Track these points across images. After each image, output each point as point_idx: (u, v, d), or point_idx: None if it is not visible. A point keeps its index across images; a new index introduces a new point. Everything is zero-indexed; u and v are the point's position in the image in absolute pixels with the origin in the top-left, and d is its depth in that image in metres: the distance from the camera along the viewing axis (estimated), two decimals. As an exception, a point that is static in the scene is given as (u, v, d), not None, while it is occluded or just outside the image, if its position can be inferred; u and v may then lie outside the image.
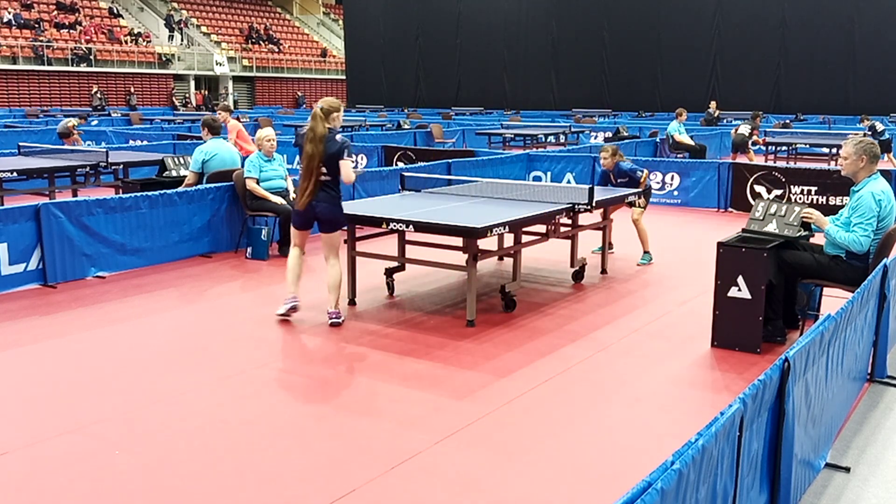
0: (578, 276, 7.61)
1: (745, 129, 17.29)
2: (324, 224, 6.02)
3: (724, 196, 12.24)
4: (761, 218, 5.82)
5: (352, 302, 6.74)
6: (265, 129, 8.71)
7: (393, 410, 4.56)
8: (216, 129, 9.38)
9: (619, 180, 8.53)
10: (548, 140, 20.64)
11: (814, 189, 11.60)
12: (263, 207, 8.53)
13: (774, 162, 16.54)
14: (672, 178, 12.70)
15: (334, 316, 6.08)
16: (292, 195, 8.43)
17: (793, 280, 5.72)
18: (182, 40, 42.64)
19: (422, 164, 12.52)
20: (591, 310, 6.66)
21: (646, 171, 8.56)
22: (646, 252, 8.48)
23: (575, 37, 35.63)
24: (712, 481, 2.56)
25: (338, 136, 5.90)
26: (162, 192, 8.36)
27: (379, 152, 15.11)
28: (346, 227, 6.38)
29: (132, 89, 37.62)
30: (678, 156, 16.40)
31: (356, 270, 6.79)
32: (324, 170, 5.85)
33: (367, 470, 3.85)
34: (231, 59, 42.89)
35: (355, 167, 6.53)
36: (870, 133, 18.34)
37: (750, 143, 17.12)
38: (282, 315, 6.18)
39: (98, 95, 34.75)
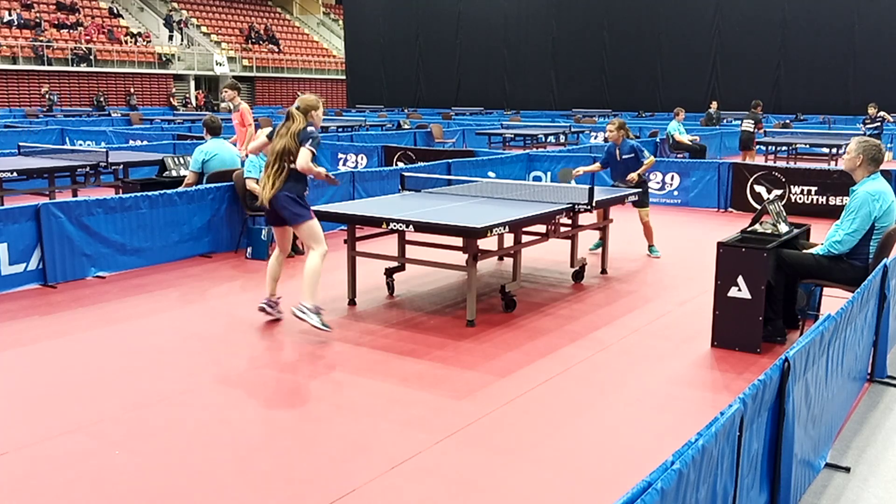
0: (578, 276, 7.61)
1: (748, 124, 17.28)
2: (285, 216, 5.84)
3: (724, 196, 12.24)
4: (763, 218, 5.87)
5: (352, 302, 6.74)
6: (266, 130, 8.69)
7: (393, 410, 4.56)
8: (216, 130, 9.37)
9: (623, 157, 8.49)
10: (548, 140, 20.64)
11: (814, 189, 11.61)
12: (264, 207, 8.52)
13: (774, 162, 16.54)
14: (672, 178, 12.70)
15: (298, 307, 5.76)
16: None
17: (793, 280, 5.73)
18: (182, 40, 42.63)
19: (422, 164, 12.52)
20: (591, 310, 6.66)
21: (652, 158, 8.57)
22: (652, 245, 8.77)
23: (575, 37, 35.64)
24: (712, 481, 2.56)
25: (310, 129, 5.79)
26: (162, 192, 8.36)
27: (379, 152, 15.11)
28: (310, 217, 5.92)
29: (132, 89, 37.62)
30: (678, 156, 16.41)
31: (356, 270, 6.79)
32: (292, 159, 5.74)
33: (367, 470, 3.85)
34: (231, 59, 42.88)
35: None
36: (868, 120, 18.32)
37: (755, 139, 17.16)
38: (260, 308, 6.24)
39: (49, 95, 33.33)
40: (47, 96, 33.07)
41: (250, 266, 8.23)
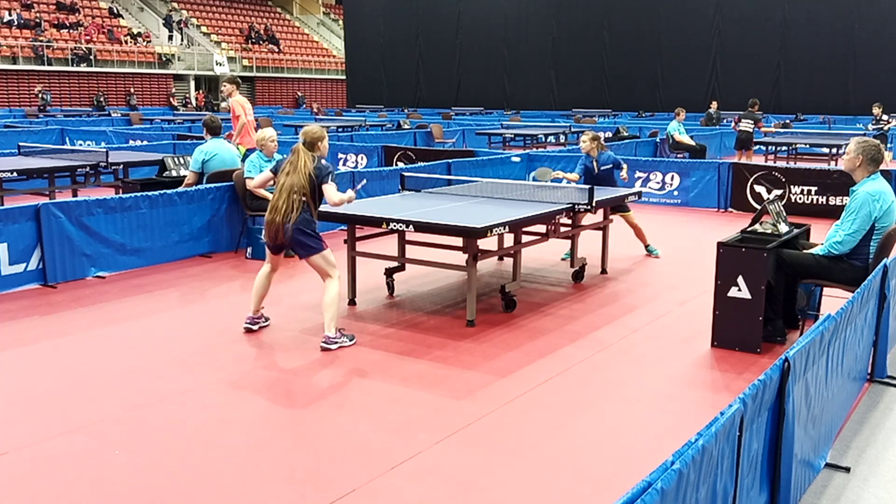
0: (578, 276, 7.61)
1: (747, 124, 17.21)
2: (299, 251, 5.68)
3: (724, 196, 12.24)
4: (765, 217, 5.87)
5: (352, 302, 6.74)
6: (266, 130, 8.70)
7: (393, 410, 4.56)
8: (215, 130, 9.37)
9: (601, 168, 8.44)
10: (548, 140, 20.65)
11: (814, 189, 11.61)
12: (263, 207, 8.46)
13: (774, 162, 16.53)
14: (672, 178, 12.70)
15: (324, 340, 5.62)
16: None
17: (793, 280, 5.73)
18: (182, 40, 42.64)
19: (422, 164, 12.52)
20: (591, 310, 6.66)
21: (626, 165, 8.58)
22: (648, 244, 8.78)
23: (575, 37, 35.64)
24: (712, 481, 2.56)
25: (323, 162, 5.69)
26: (162, 192, 8.36)
27: (379, 152, 15.11)
28: (322, 248, 5.68)
29: (132, 89, 37.62)
30: (678, 156, 16.41)
31: (356, 270, 6.79)
32: (304, 193, 5.58)
33: (367, 470, 3.85)
34: (231, 59, 42.89)
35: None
36: (875, 122, 18.19)
37: (753, 139, 17.11)
38: (246, 329, 5.97)
39: (42, 95, 32.81)
40: (40, 96, 32.90)
41: (250, 266, 8.23)
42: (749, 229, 5.87)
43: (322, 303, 5.72)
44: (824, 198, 11.51)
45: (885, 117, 18.35)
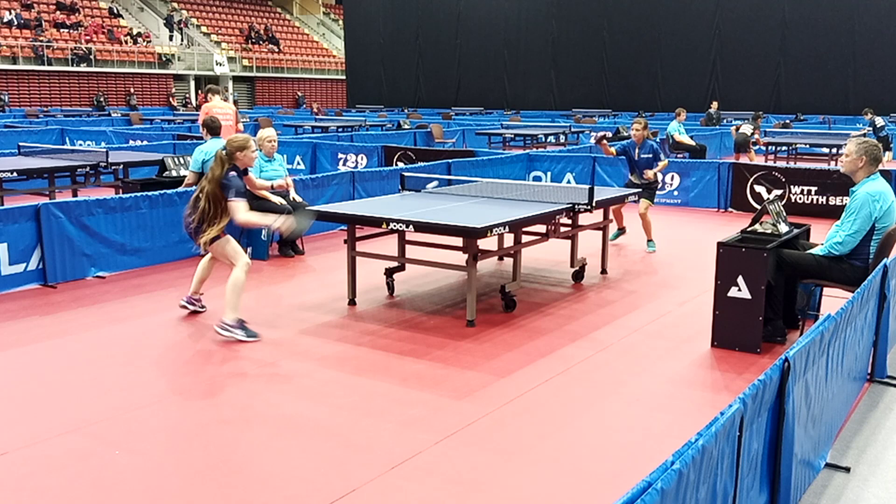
0: (578, 276, 7.61)
1: (747, 128, 17.27)
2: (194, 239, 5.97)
3: (724, 196, 12.25)
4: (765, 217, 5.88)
5: (352, 302, 6.74)
6: (266, 130, 8.70)
7: (393, 410, 4.56)
8: (215, 130, 9.36)
9: (642, 155, 8.71)
10: (548, 140, 20.65)
11: (814, 189, 11.61)
12: (263, 207, 8.49)
13: (774, 162, 16.53)
14: (672, 178, 12.70)
15: (218, 324, 5.76)
16: (293, 195, 8.43)
17: (793, 280, 5.73)
18: (182, 40, 42.64)
19: (422, 164, 12.52)
20: (591, 310, 6.66)
21: (666, 160, 8.77)
22: (650, 240, 8.90)
23: (575, 37, 35.65)
24: (712, 481, 2.56)
25: (231, 174, 5.67)
26: (162, 192, 8.36)
27: (379, 152, 15.12)
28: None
29: (132, 89, 37.62)
30: (678, 156, 16.41)
31: (356, 270, 6.79)
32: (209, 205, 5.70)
33: (367, 470, 3.85)
34: (231, 59, 42.88)
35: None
36: (870, 129, 18.26)
37: (752, 142, 17.11)
38: (181, 305, 6.44)
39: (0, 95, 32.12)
40: None
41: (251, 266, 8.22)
42: (749, 229, 5.87)
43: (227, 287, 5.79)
44: (824, 198, 11.51)
45: (877, 119, 18.39)
